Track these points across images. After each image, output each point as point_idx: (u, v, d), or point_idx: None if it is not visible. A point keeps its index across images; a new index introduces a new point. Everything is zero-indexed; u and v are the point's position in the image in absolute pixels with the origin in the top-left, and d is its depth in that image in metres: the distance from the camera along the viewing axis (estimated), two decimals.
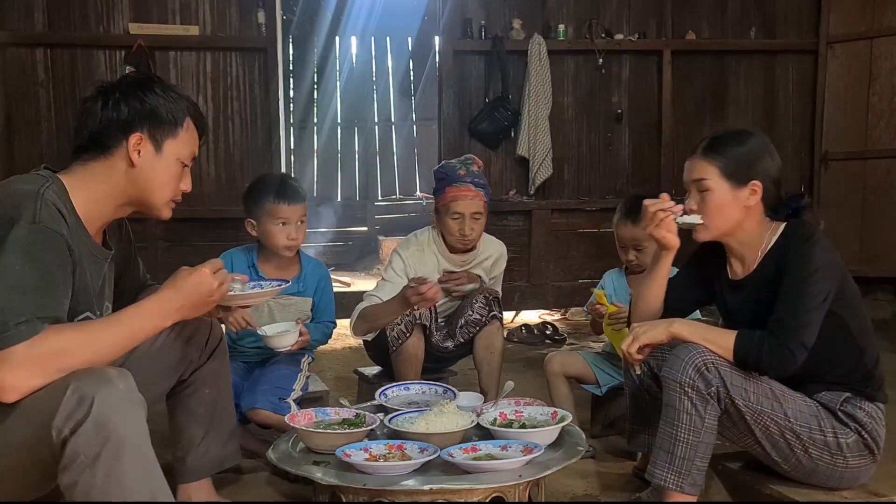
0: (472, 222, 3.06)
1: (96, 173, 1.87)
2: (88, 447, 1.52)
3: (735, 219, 2.17)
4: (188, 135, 1.96)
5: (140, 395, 1.63)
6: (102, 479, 1.53)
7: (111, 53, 5.26)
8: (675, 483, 2.03)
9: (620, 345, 2.20)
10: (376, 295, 3.07)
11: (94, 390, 1.54)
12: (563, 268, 5.78)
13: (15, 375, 1.57)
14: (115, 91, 1.90)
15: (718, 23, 5.89)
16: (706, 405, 2.02)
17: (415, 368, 3.00)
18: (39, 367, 1.59)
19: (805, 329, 1.99)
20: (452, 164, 3.15)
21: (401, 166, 10.18)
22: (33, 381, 1.59)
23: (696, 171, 2.19)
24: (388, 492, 1.91)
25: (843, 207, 5.62)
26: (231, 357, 2.49)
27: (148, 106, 1.89)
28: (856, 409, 2.07)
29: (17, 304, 1.60)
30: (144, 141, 1.88)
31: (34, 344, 1.59)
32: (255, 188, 2.96)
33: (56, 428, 1.53)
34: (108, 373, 1.61)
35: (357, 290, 6.38)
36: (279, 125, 5.58)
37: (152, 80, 1.96)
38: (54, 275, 1.69)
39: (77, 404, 1.53)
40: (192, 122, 1.98)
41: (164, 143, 1.91)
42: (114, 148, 1.87)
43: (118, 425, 1.54)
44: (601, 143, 5.88)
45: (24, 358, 1.58)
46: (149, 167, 1.89)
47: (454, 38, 5.67)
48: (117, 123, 1.87)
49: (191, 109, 1.98)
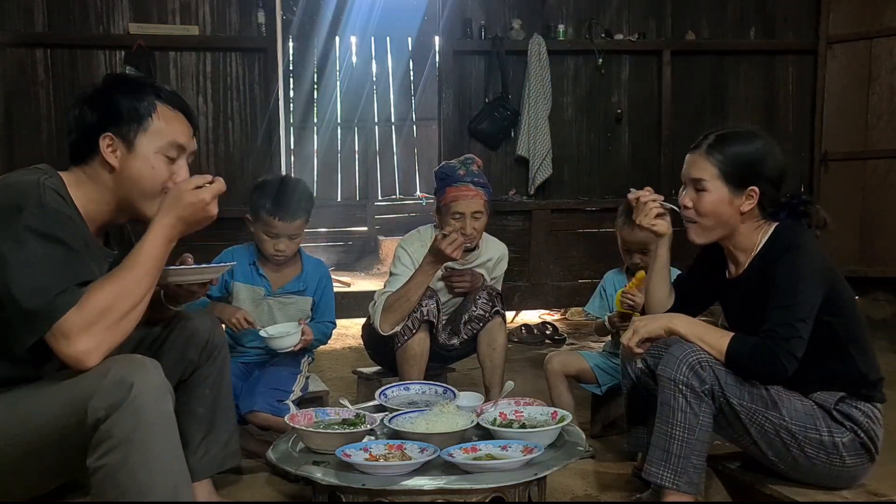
0: (473, 221, 3.06)
1: (88, 178, 1.88)
2: (121, 430, 1.55)
3: (728, 221, 2.17)
4: (164, 123, 1.87)
5: (170, 384, 1.67)
6: (131, 462, 1.55)
7: (111, 53, 5.26)
8: (672, 481, 2.03)
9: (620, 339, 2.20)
10: (389, 291, 3.07)
11: (133, 376, 1.58)
12: (563, 268, 5.78)
13: (84, 340, 1.62)
14: (86, 97, 1.88)
15: (718, 23, 5.89)
16: (700, 403, 2.02)
17: (419, 366, 2.99)
18: (98, 325, 1.63)
19: (794, 341, 1.99)
20: (452, 165, 3.15)
21: (401, 166, 10.18)
22: (102, 339, 1.64)
23: (696, 169, 2.18)
24: (388, 492, 1.91)
25: (843, 207, 5.62)
26: (231, 357, 2.49)
27: (109, 105, 1.85)
28: (851, 409, 2.07)
29: (52, 280, 1.64)
30: (115, 142, 1.85)
31: (82, 306, 1.63)
32: (258, 191, 2.93)
33: (92, 408, 1.56)
34: (144, 361, 1.65)
35: (357, 290, 6.39)
36: (279, 125, 5.58)
37: (116, 80, 1.92)
38: (74, 247, 1.72)
39: (116, 387, 1.57)
40: (166, 108, 1.88)
41: (135, 140, 1.85)
42: (92, 154, 1.86)
43: (152, 411, 1.58)
44: (601, 143, 5.88)
45: (81, 322, 1.62)
46: (127, 167, 1.85)
47: (454, 38, 5.67)
48: (86, 129, 1.86)
49: (162, 96, 1.89)
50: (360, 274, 8.06)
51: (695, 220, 2.21)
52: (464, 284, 3.15)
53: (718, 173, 2.14)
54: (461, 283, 3.15)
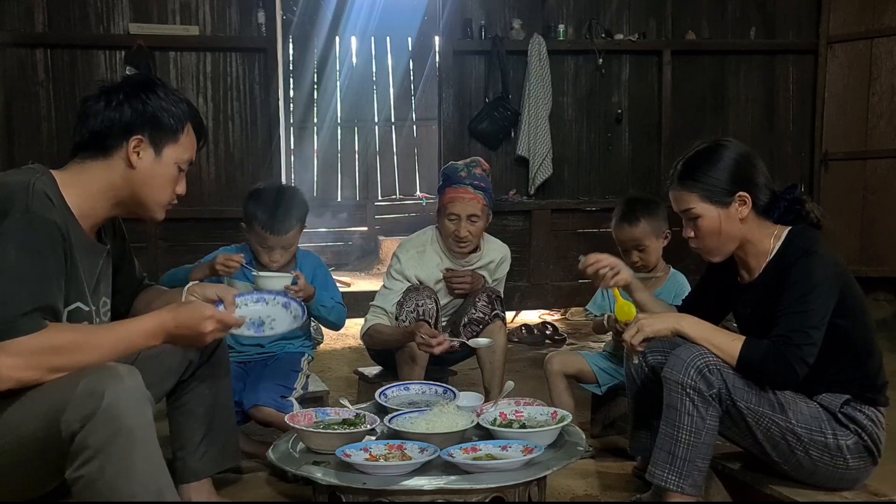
0: (469, 224, 3.06)
1: (93, 172, 1.88)
2: (97, 440, 1.54)
3: (733, 234, 2.16)
4: (188, 140, 1.97)
5: (147, 391, 1.65)
6: (109, 471, 1.54)
7: (111, 53, 5.27)
8: (676, 484, 2.03)
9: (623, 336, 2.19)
10: (381, 307, 3.08)
11: (104, 385, 1.56)
12: (563, 268, 5.78)
13: (11, 365, 1.60)
14: (118, 91, 1.90)
15: (718, 23, 5.89)
16: (708, 407, 2.02)
17: (418, 368, 2.99)
18: (36, 361, 1.62)
19: (807, 347, 1.99)
20: (456, 166, 3.15)
21: (401, 166, 10.17)
22: (26, 374, 1.62)
23: (679, 202, 2.20)
24: (388, 492, 1.91)
25: (843, 207, 5.63)
26: (230, 357, 2.48)
27: (150, 109, 1.89)
28: (856, 412, 2.07)
29: (18, 296, 1.63)
30: (144, 144, 1.89)
31: (36, 339, 1.62)
32: (252, 201, 2.90)
33: (66, 422, 1.55)
34: (117, 369, 1.63)
35: (357, 290, 6.38)
36: (279, 125, 5.58)
37: (155, 82, 1.96)
38: (49, 264, 1.71)
39: (87, 398, 1.55)
40: (192, 127, 1.98)
41: (165, 147, 1.92)
42: (113, 148, 1.88)
43: (127, 419, 1.55)
44: (601, 143, 5.88)
45: (25, 350, 1.60)
46: (147, 170, 1.90)
47: (454, 38, 5.67)
48: (119, 124, 1.87)
49: (192, 115, 1.99)
50: (360, 274, 8.06)
51: (702, 247, 2.21)
52: (464, 286, 3.14)
53: (700, 197, 2.14)
54: (461, 284, 3.14)
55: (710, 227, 2.15)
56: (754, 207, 2.15)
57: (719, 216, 2.14)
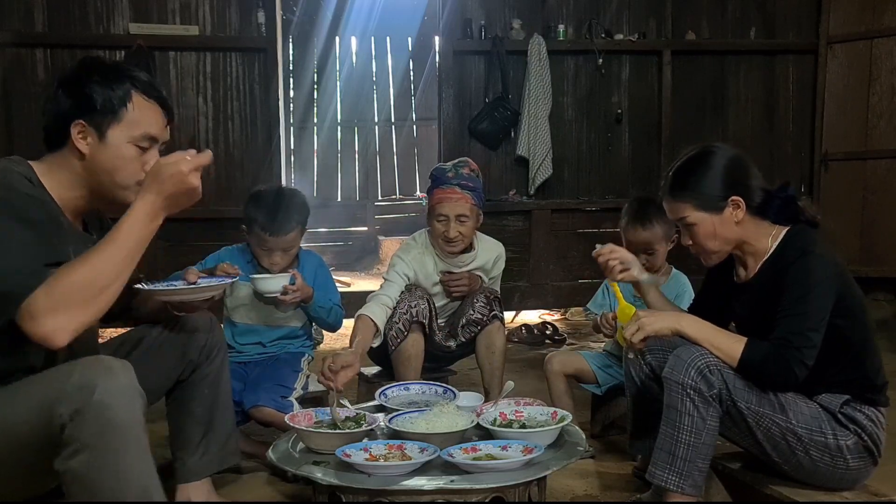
0: (458, 224, 3.05)
1: (59, 163, 1.87)
2: (85, 434, 1.53)
3: (730, 237, 2.16)
4: (139, 115, 1.87)
5: (140, 387, 1.63)
6: (96, 466, 1.53)
7: (111, 53, 5.25)
8: (676, 484, 2.03)
9: (623, 333, 2.19)
10: (383, 293, 3.05)
11: (96, 378, 1.55)
12: (563, 268, 5.78)
13: (51, 320, 1.59)
14: (62, 82, 1.88)
15: (718, 23, 5.89)
16: (708, 407, 2.02)
17: (414, 368, 3.00)
18: (67, 303, 1.60)
19: (806, 350, 1.99)
20: (443, 167, 3.15)
21: (401, 166, 10.17)
22: (70, 318, 1.61)
23: (674, 212, 2.20)
24: (388, 492, 1.91)
25: (843, 207, 5.62)
26: (230, 358, 2.48)
27: (85, 94, 1.84)
28: (856, 412, 2.07)
29: (22, 260, 1.64)
30: (86, 129, 1.84)
31: (49, 286, 1.60)
32: (252, 204, 2.90)
33: (57, 413, 1.54)
34: (111, 363, 1.62)
35: (357, 290, 6.38)
36: (279, 125, 5.58)
37: (93, 66, 1.89)
38: (45, 228, 1.72)
39: (78, 391, 1.54)
40: (141, 98, 1.88)
41: (108, 129, 1.85)
42: (63, 140, 1.86)
43: (117, 414, 1.54)
44: (601, 143, 5.88)
45: (48, 302, 1.59)
46: (98, 155, 1.85)
47: (454, 38, 5.67)
48: (60, 115, 1.85)
49: (138, 86, 1.87)
50: (360, 274, 8.06)
51: (700, 252, 2.22)
52: (461, 288, 3.14)
53: (693, 206, 2.14)
54: (458, 286, 3.13)
55: (705, 233, 2.15)
56: (749, 209, 2.14)
57: (714, 222, 2.14)
